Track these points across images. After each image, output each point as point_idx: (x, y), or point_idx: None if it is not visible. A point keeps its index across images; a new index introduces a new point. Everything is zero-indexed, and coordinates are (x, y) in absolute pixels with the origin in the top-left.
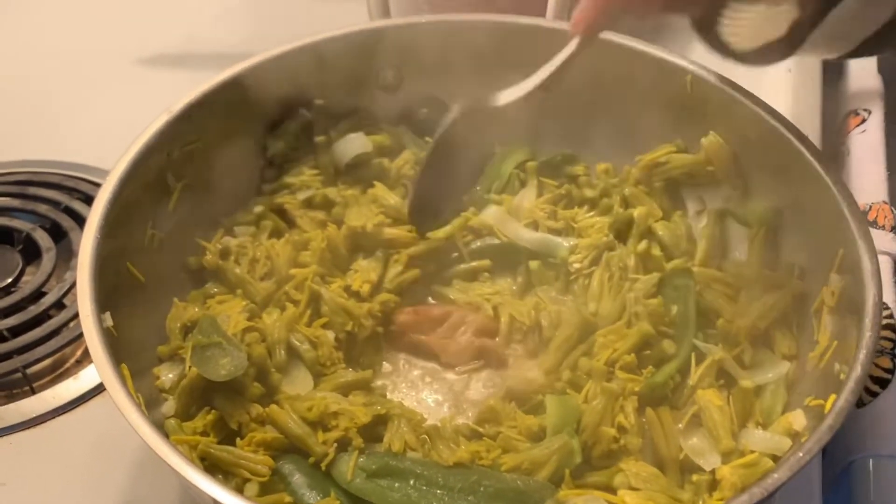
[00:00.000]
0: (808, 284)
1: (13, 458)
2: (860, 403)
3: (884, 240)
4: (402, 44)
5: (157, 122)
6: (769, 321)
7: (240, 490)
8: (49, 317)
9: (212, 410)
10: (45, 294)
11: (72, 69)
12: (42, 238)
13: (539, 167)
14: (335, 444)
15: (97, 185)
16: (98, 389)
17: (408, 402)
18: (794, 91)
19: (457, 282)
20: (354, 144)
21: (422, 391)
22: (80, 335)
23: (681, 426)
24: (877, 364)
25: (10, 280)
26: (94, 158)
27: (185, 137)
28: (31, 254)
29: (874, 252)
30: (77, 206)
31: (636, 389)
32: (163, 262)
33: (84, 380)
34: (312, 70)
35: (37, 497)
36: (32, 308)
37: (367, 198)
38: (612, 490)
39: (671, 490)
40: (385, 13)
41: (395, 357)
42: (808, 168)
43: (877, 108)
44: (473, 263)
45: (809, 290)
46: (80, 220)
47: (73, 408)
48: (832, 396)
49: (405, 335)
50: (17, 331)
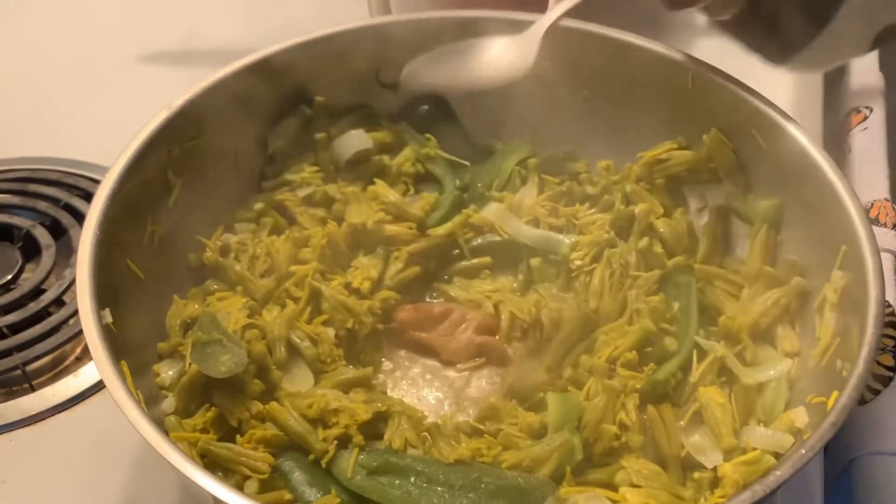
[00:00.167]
0: (811, 281)
1: (13, 456)
2: (862, 401)
3: (886, 237)
4: (403, 40)
5: (157, 119)
6: (771, 318)
7: (240, 487)
8: (49, 314)
9: (212, 407)
10: (45, 291)
11: (72, 66)
12: (42, 235)
13: (540, 164)
14: (335, 442)
15: (97, 182)
16: (98, 387)
17: (408, 400)
18: (796, 88)
19: (457, 279)
20: (355, 141)
21: (422, 388)
22: (80, 332)
23: (682, 423)
24: (879, 362)
25: (10, 277)
26: (94, 155)
27: (186, 134)
28: (31, 251)
29: (877, 249)
30: (77, 203)
31: (637, 387)
32: (163, 259)
33: (84, 377)
34: (313, 67)
35: (36, 495)
36: (32, 305)
37: (368, 195)
38: (614, 487)
39: (673, 487)
40: (385, 9)
41: (396, 354)
42: (811, 165)
43: (878, 106)
44: (474, 261)
45: (811, 287)
46: (80, 217)
47: (73, 405)
48: (834, 394)
49: (406, 332)
50: (17, 328)
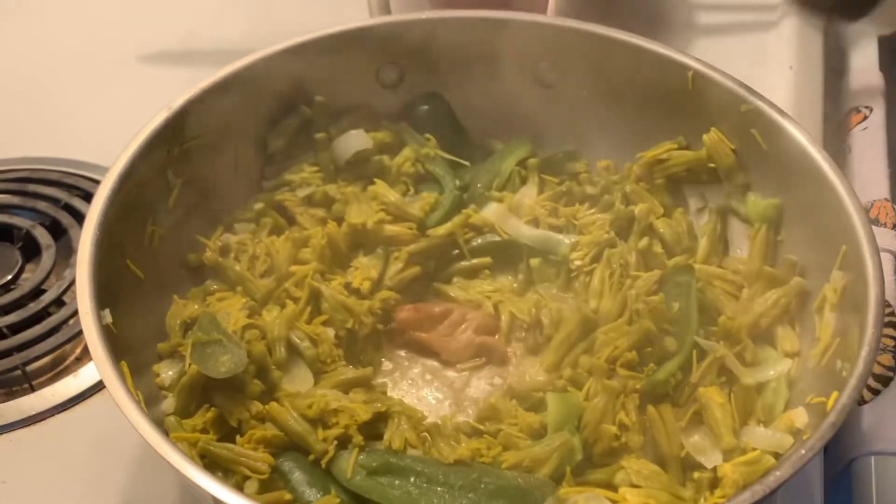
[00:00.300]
0: (810, 281)
1: (12, 456)
2: (862, 401)
3: (886, 237)
4: (403, 40)
5: (157, 119)
6: (771, 318)
7: (239, 487)
8: (49, 314)
9: (211, 408)
10: (45, 291)
11: (72, 66)
12: (42, 235)
13: (540, 164)
14: (335, 442)
15: (97, 182)
16: (98, 387)
17: (408, 400)
18: (796, 88)
19: (457, 279)
20: (355, 141)
21: (422, 389)
22: (80, 332)
23: (682, 424)
24: (879, 362)
25: (10, 277)
26: (94, 155)
27: (185, 134)
28: (31, 251)
29: (877, 249)
30: (77, 203)
31: (637, 387)
32: (162, 260)
33: (84, 377)
34: (313, 66)
35: (36, 495)
36: (32, 305)
37: (368, 195)
38: (614, 487)
39: (672, 488)
40: (385, 9)
41: (396, 354)
42: (811, 165)
43: (878, 106)
44: (474, 261)
45: (811, 288)
46: (80, 217)
47: (73, 405)
48: (834, 394)
49: (405, 332)
50: (17, 328)
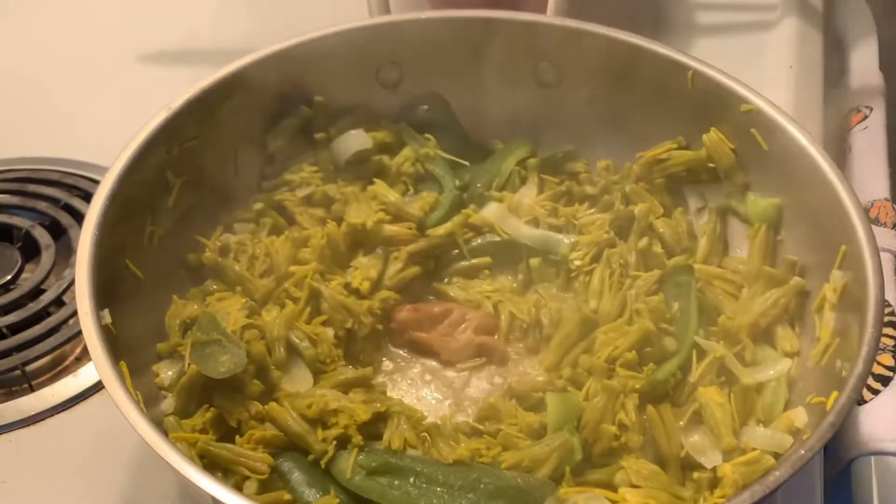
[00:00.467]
0: (810, 281)
1: (12, 456)
2: (862, 401)
3: (885, 237)
4: (403, 40)
5: (157, 119)
6: (770, 318)
7: (239, 488)
8: (48, 314)
9: (211, 408)
10: (45, 291)
11: (71, 66)
12: (41, 235)
13: (540, 164)
14: (335, 442)
15: (96, 182)
16: (97, 387)
17: (408, 400)
18: (796, 88)
19: (457, 279)
20: (354, 141)
21: (422, 389)
22: (80, 332)
23: (682, 424)
24: (878, 361)
25: (10, 277)
26: (94, 155)
27: (185, 134)
28: (31, 251)
29: (876, 249)
30: (76, 203)
31: (637, 387)
32: (162, 260)
33: (83, 377)
34: (312, 66)
35: (36, 495)
36: (31, 305)
37: (367, 195)
38: (613, 488)
39: (672, 488)
40: (385, 9)
41: (395, 354)
42: (810, 164)
43: (878, 105)
44: (474, 261)
45: (811, 287)
46: (80, 217)
47: (72, 405)
48: (834, 394)
49: (405, 332)
50: (16, 328)
